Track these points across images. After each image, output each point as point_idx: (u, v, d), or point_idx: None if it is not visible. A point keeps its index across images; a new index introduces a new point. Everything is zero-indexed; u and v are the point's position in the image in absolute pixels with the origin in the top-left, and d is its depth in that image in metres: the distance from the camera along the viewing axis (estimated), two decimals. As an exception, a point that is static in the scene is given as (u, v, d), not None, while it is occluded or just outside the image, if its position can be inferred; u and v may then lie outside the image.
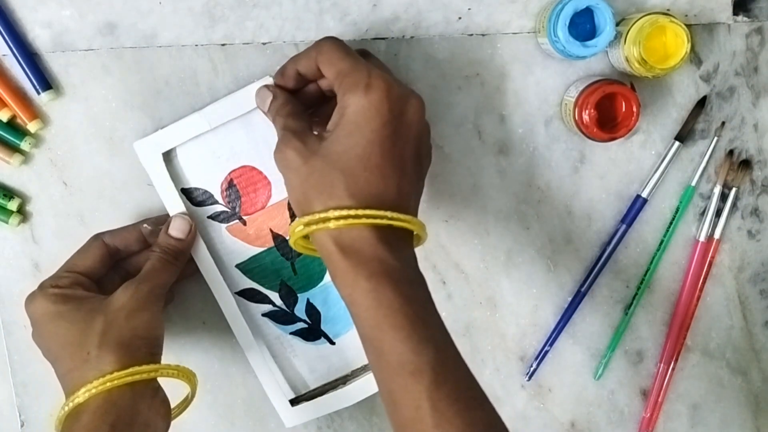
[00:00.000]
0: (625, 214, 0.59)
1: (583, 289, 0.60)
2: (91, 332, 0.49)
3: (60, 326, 0.50)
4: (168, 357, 0.60)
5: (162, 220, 0.56)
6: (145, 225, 0.56)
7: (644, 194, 0.59)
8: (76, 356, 0.49)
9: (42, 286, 0.53)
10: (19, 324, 0.59)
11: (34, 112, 0.57)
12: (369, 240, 0.45)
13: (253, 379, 0.60)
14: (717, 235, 0.60)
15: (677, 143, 0.58)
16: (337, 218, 0.45)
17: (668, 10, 0.58)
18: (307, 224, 0.46)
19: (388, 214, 0.45)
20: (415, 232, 0.47)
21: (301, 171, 0.47)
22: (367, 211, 0.45)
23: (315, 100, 0.54)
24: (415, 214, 0.49)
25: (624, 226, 0.59)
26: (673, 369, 0.61)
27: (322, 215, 0.45)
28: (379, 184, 0.46)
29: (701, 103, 0.58)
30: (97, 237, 0.55)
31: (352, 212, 0.45)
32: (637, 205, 0.59)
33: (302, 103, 0.54)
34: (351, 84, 0.47)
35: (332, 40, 0.50)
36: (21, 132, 0.57)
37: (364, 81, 0.47)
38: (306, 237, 0.48)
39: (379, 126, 0.46)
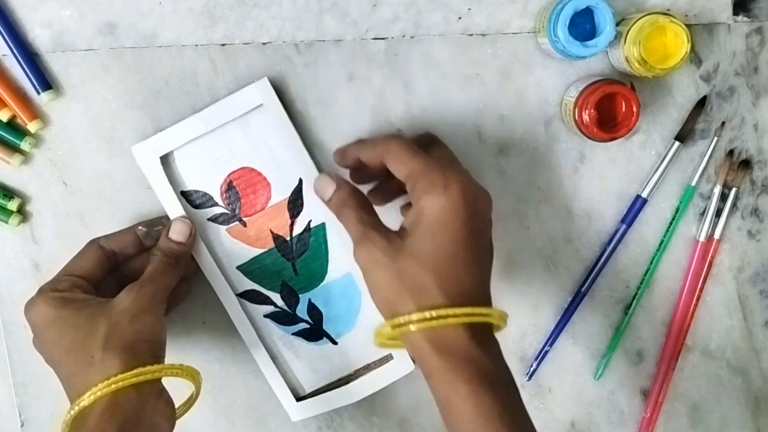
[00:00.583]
0: (625, 214, 0.59)
1: (583, 289, 0.60)
2: (94, 336, 0.49)
3: (62, 331, 0.50)
4: (168, 357, 0.60)
5: (156, 222, 0.56)
6: (140, 227, 0.56)
7: (644, 194, 0.59)
8: (79, 360, 0.49)
9: (41, 291, 0.52)
10: (19, 324, 0.59)
11: (34, 112, 0.57)
12: (462, 338, 0.45)
13: (253, 380, 0.60)
14: (717, 235, 0.60)
15: (677, 143, 0.58)
16: (436, 318, 0.45)
17: (668, 10, 0.58)
18: (401, 325, 0.46)
19: (483, 310, 0.46)
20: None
21: (390, 269, 0.47)
22: (464, 309, 0.45)
23: (370, 179, 0.56)
24: (491, 304, 0.50)
25: (624, 226, 0.59)
26: (673, 369, 0.61)
27: (417, 315, 0.46)
28: (467, 281, 0.47)
29: (701, 103, 0.58)
30: (94, 241, 0.55)
31: (450, 311, 0.45)
32: (637, 205, 0.59)
33: (358, 180, 0.55)
34: (428, 185, 0.48)
35: (399, 141, 0.51)
36: (21, 132, 0.57)
37: (441, 181, 0.48)
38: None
39: (461, 225, 0.47)
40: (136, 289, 0.52)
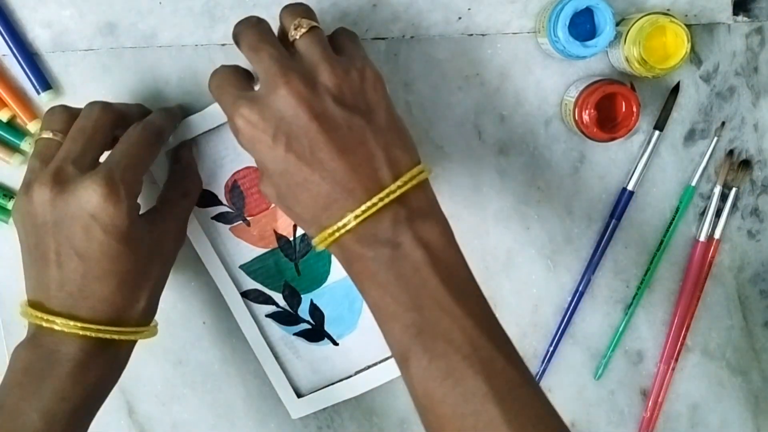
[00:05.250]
0: (613, 208, 0.59)
1: (581, 288, 0.60)
2: None
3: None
4: (168, 356, 0.60)
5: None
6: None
7: (630, 186, 0.59)
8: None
9: None
10: (19, 324, 0.59)
11: (34, 112, 0.57)
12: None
13: (252, 380, 0.60)
14: (717, 235, 0.60)
15: (657, 132, 0.58)
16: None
17: (668, 10, 0.58)
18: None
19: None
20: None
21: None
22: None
23: None
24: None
25: (614, 221, 0.59)
26: (673, 369, 0.61)
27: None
28: None
29: (675, 90, 0.58)
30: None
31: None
32: (624, 199, 0.59)
33: None
34: None
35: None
36: (21, 132, 0.57)
37: None
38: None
39: None
40: None
